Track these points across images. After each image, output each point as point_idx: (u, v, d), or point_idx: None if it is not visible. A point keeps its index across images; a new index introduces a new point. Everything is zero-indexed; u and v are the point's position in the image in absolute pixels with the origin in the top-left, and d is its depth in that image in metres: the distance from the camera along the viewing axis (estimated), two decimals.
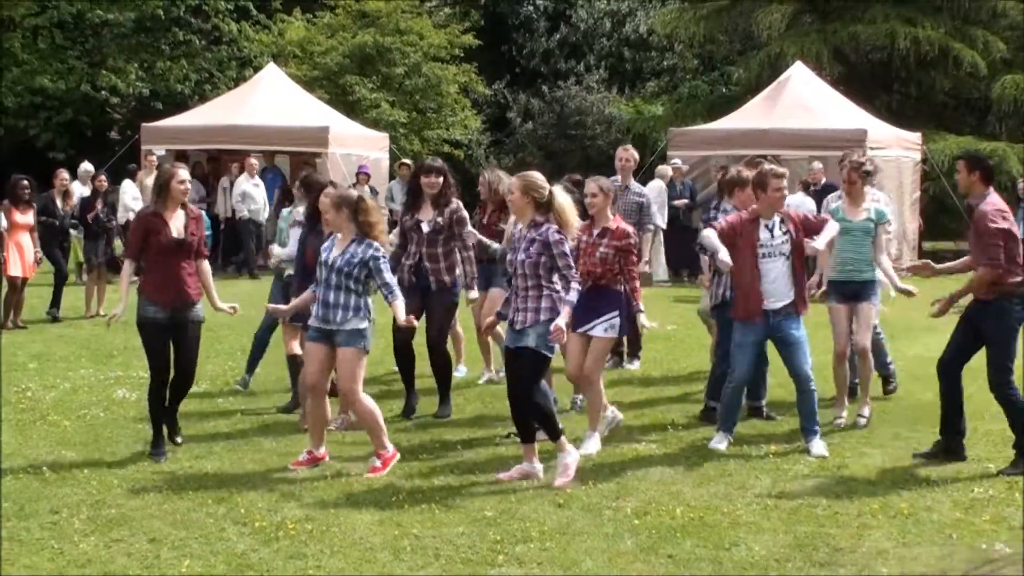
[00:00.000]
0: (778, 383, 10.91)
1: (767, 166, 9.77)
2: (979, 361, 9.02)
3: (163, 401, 9.30)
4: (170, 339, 9.20)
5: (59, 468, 8.82)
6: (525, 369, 8.48)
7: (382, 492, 8.16)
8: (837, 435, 9.93)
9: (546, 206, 8.44)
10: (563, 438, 8.57)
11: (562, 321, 8.32)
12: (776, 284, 9.35)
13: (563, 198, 8.53)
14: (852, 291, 10.40)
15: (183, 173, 9.27)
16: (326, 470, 8.74)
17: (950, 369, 9.15)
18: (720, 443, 9.49)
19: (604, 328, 9.41)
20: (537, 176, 8.61)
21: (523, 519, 7.54)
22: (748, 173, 10.44)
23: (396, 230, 11.12)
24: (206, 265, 9.47)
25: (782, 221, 9.42)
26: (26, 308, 16.56)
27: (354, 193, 9.22)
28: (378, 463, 8.74)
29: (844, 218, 10.26)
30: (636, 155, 13.20)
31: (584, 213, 9.41)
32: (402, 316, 8.69)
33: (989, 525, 7.47)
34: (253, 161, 24.04)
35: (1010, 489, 8.27)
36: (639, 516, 7.60)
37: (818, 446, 9.29)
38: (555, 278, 8.39)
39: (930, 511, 7.76)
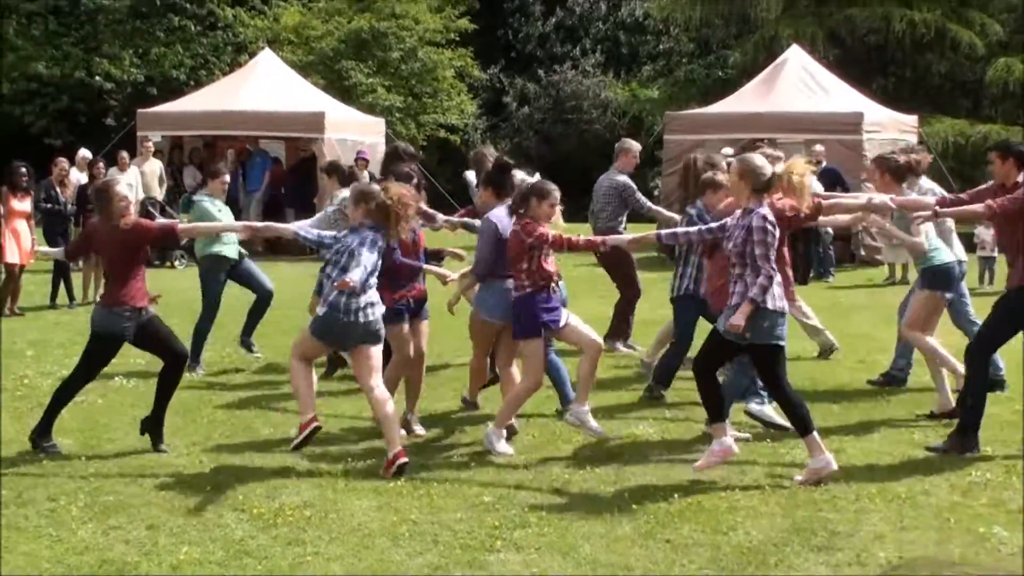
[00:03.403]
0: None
1: (767, 149, 9.61)
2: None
3: None
4: None
5: (56, 455, 8.82)
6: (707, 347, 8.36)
7: (380, 478, 8.16)
8: (834, 419, 9.91)
9: (762, 190, 8.06)
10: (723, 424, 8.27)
11: (739, 319, 7.90)
12: None
13: (800, 176, 8.11)
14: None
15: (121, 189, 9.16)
16: (325, 456, 8.73)
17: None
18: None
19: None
20: (757, 158, 8.23)
21: (521, 504, 7.54)
22: (723, 177, 10.09)
23: None
24: None
25: None
26: (23, 295, 16.56)
27: (375, 187, 8.97)
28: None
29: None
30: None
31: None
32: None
33: (987, 509, 7.47)
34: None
35: (1007, 473, 8.26)
36: (637, 501, 7.60)
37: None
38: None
39: (927, 495, 7.76)
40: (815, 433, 8.09)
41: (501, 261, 9.05)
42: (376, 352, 8.57)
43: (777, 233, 8.02)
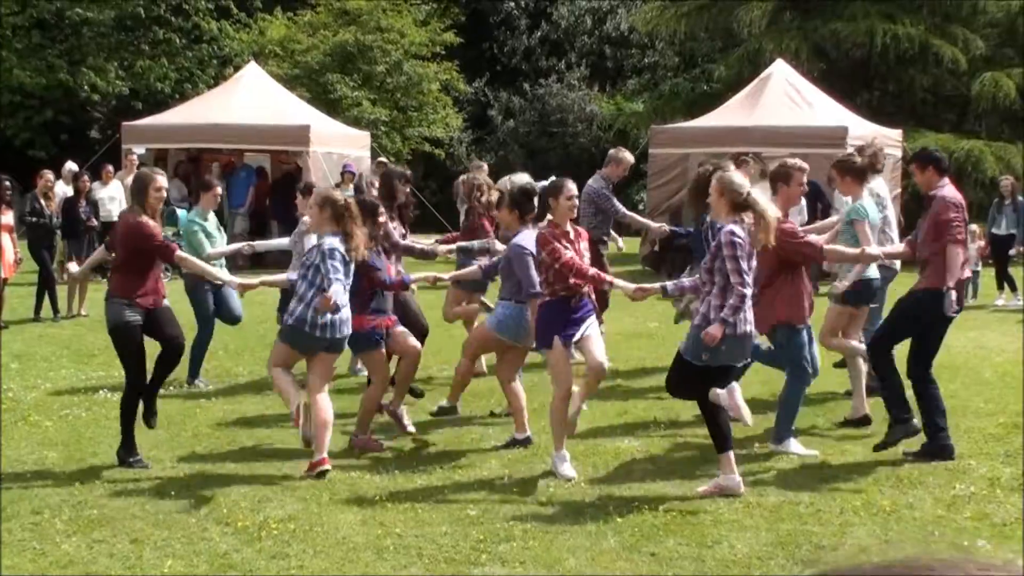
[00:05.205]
0: (761, 380, 10.96)
1: (789, 160, 9.68)
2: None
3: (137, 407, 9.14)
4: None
5: (40, 469, 8.80)
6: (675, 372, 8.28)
7: (365, 492, 8.16)
8: (818, 432, 9.94)
9: (741, 207, 7.95)
10: (729, 455, 8.12)
11: (714, 329, 7.79)
12: None
13: (763, 200, 8.04)
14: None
15: (161, 180, 9.13)
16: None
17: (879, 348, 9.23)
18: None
19: None
20: (737, 176, 8.21)
21: (506, 518, 7.54)
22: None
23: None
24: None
25: None
26: (7, 308, 16.51)
27: (341, 196, 9.10)
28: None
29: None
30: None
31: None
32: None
33: (971, 522, 7.49)
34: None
35: (991, 486, 8.29)
36: (622, 514, 7.61)
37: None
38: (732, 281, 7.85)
39: (912, 508, 7.79)
40: (731, 453, 8.11)
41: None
42: (332, 360, 9.05)
43: (747, 247, 7.91)
